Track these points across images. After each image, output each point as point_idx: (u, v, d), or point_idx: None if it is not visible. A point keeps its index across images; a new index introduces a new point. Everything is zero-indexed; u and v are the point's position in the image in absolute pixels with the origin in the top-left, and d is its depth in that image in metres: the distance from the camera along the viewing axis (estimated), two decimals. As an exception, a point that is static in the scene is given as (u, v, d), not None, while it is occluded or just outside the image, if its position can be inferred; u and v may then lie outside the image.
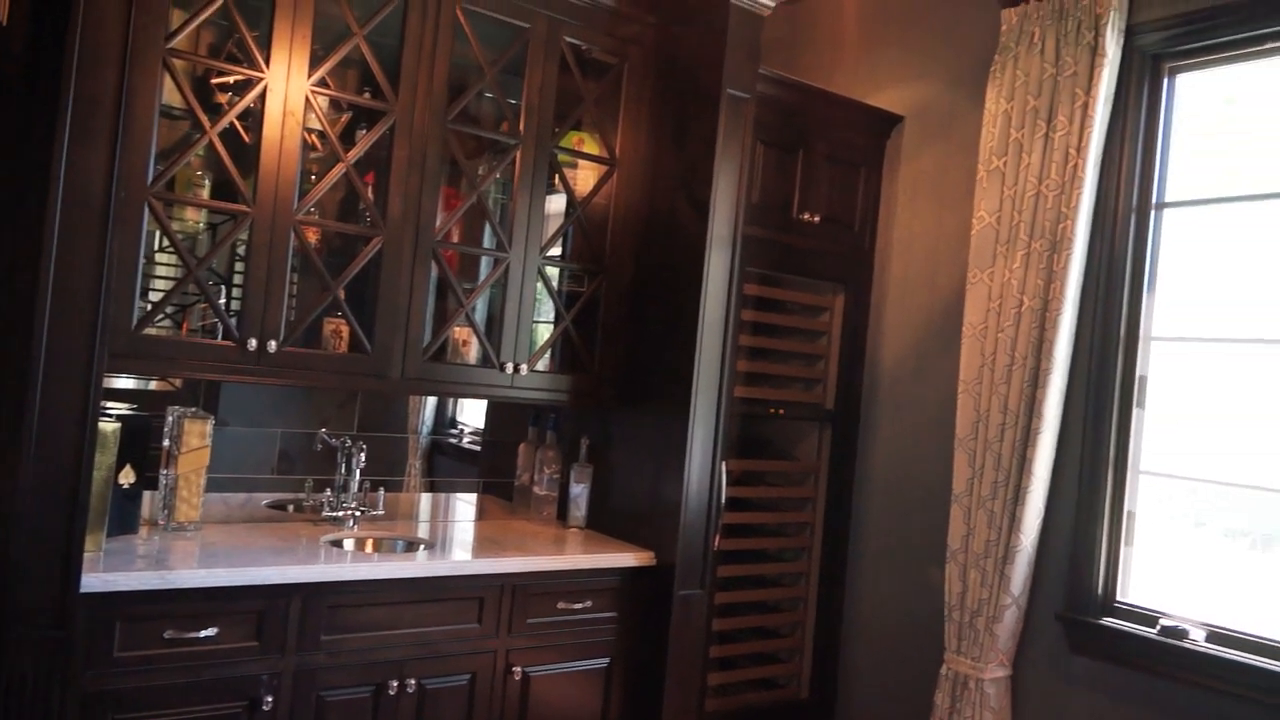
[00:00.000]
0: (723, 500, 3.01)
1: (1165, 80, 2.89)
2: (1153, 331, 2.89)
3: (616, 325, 3.14)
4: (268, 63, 2.48)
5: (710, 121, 2.94)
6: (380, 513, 3.00)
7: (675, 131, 3.09)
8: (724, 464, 2.99)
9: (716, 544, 3.01)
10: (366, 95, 2.72)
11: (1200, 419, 2.80)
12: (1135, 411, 2.88)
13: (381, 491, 3.01)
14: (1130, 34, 2.86)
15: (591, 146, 3.14)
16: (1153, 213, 2.89)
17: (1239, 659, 2.52)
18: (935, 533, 3.23)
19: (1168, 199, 2.88)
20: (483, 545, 2.90)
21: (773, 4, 2.97)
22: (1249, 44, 2.72)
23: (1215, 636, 2.61)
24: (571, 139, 3.12)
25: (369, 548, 2.89)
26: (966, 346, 3.08)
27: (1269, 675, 2.46)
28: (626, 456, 3.14)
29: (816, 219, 3.44)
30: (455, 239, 3.01)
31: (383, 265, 2.69)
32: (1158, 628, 2.68)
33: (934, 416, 3.34)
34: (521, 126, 2.92)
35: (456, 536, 3.05)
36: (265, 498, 2.91)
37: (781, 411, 3.51)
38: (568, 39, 2.98)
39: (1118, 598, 2.86)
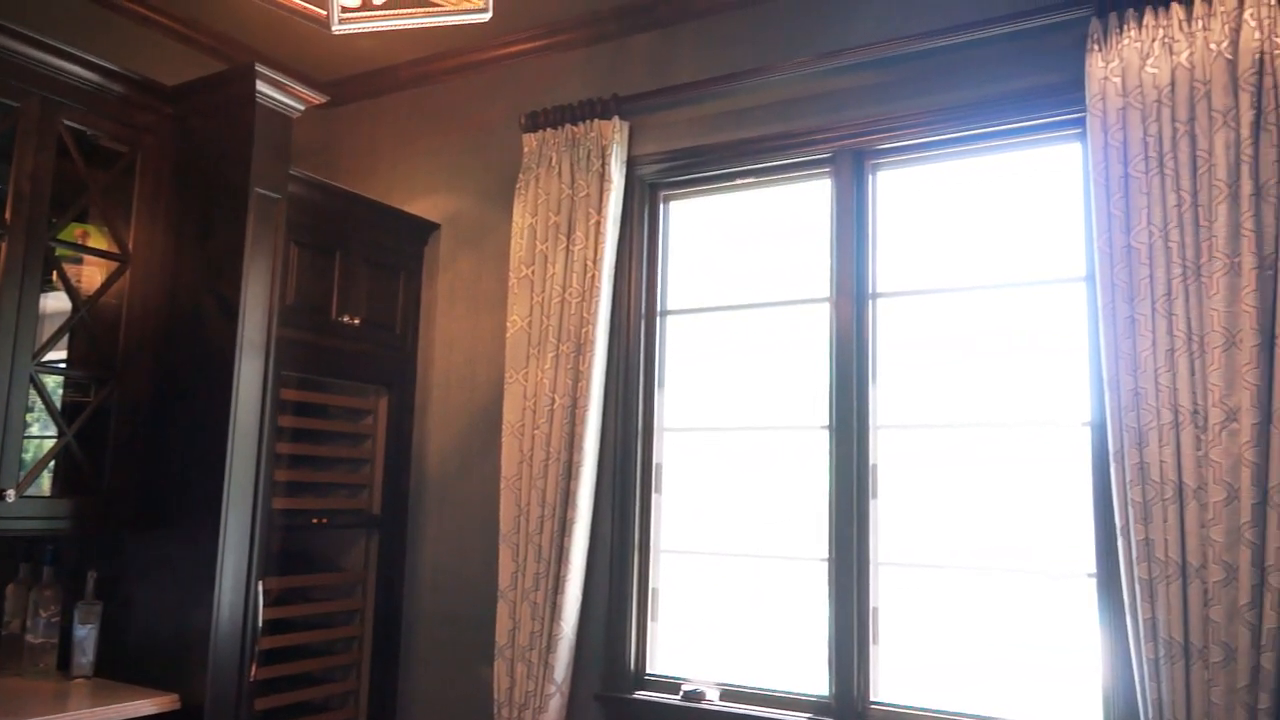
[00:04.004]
0: (259, 624, 2.79)
1: (661, 206, 3.34)
2: (665, 423, 3.26)
3: (132, 438, 2.82)
4: None
5: (238, 220, 2.81)
6: None
7: (199, 228, 2.90)
8: (261, 584, 2.79)
9: (254, 674, 2.77)
10: None
11: (706, 500, 3.19)
12: (655, 496, 3.21)
13: None
14: (632, 164, 3.27)
15: (99, 240, 2.83)
16: (658, 319, 3.29)
17: (746, 712, 2.85)
18: (485, 630, 3.27)
19: (670, 308, 3.30)
20: (-51, 715, 2.38)
21: (302, 106, 2.95)
22: (723, 179, 3.23)
23: (727, 694, 2.94)
24: (73, 231, 2.79)
25: None
26: (506, 444, 3.21)
27: (769, 721, 2.83)
28: (146, 588, 2.79)
29: (357, 321, 3.41)
30: (-87, 344, 2.51)
31: None
32: (680, 694, 2.96)
33: (479, 514, 3.42)
34: (9, 215, 2.55)
35: (-88, 709, 2.48)
36: None
37: (325, 521, 3.37)
38: (67, 122, 2.68)
39: (648, 671, 3.11)
